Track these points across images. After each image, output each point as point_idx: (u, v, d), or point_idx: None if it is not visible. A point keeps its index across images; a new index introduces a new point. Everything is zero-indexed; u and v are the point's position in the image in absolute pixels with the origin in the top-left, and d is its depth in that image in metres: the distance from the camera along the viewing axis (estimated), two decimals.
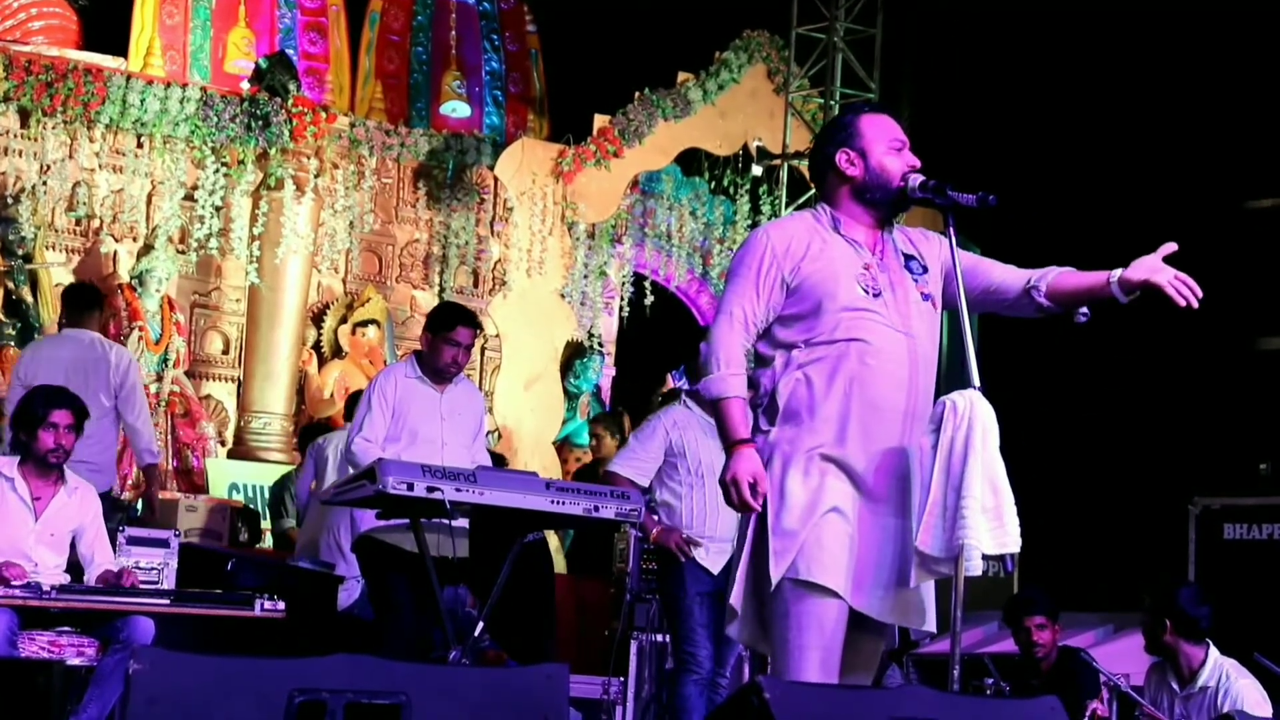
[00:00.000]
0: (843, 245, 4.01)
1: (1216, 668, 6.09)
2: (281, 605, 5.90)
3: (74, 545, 6.17)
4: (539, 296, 11.67)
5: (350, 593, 7.56)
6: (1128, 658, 7.17)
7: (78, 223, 10.84)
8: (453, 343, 6.48)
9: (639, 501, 5.72)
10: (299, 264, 11.11)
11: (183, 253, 11.13)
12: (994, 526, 3.81)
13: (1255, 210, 10.63)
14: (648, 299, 12.64)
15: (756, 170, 12.36)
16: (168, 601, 5.92)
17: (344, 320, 11.76)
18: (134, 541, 6.50)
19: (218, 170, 10.94)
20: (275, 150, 10.94)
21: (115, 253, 10.92)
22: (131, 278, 10.81)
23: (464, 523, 5.73)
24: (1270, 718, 5.86)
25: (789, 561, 3.81)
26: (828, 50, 12.00)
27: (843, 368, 3.90)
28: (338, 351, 11.71)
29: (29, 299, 10.41)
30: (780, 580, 3.82)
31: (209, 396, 11.33)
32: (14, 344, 10.17)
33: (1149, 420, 10.40)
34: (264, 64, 11.14)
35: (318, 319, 11.75)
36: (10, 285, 10.39)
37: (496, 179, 12.07)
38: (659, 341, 12.20)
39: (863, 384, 3.90)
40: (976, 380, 3.87)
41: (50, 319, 10.19)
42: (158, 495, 8.19)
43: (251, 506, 10.31)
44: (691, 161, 12.62)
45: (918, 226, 4.28)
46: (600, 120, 11.77)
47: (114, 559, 6.22)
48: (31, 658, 5.69)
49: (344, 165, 11.68)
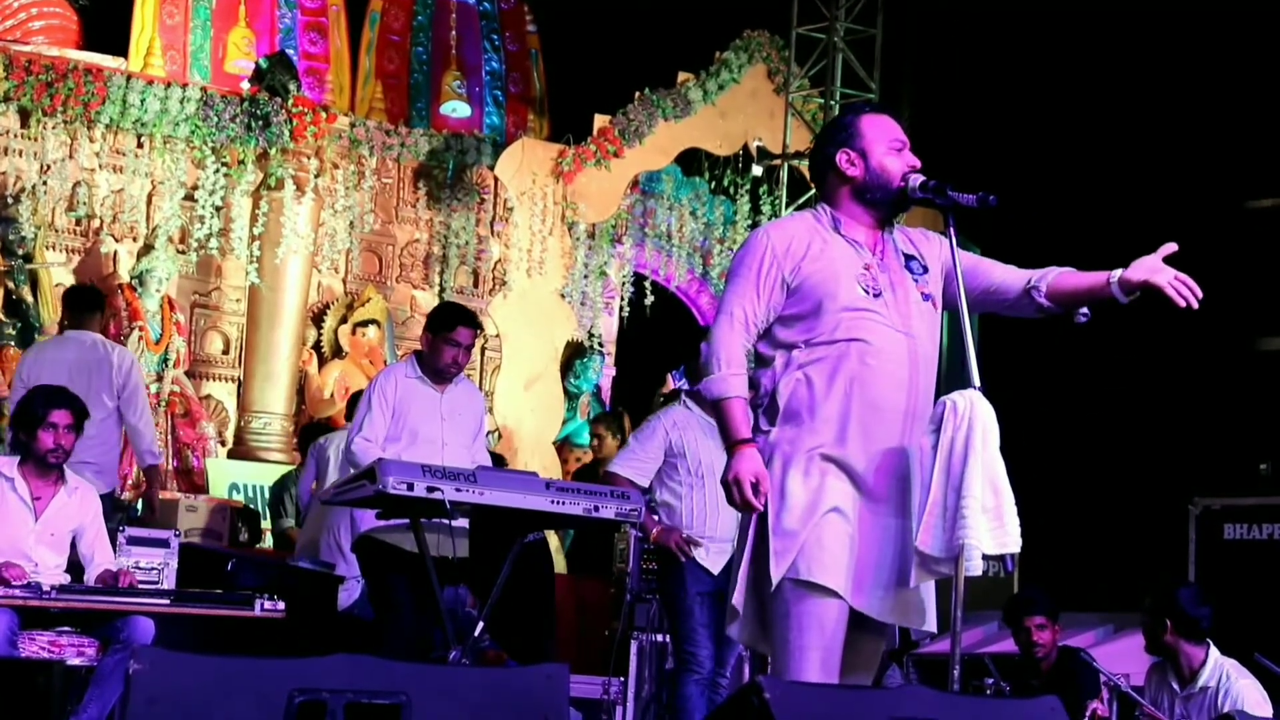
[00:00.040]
0: (843, 245, 4.01)
1: (1217, 668, 6.09)
2: (281, 605, 5.90)
3: (74, 545, 6.17)
4: (539, 296, 11.67)
5: (350, 593, 7.56)
6: (1128, 658, 7.17)
7: (78, 223, 10.84)
8: (453, 343, 6.48)
9: (639, 501, 5.72)
10: (299, 264, 11.11)
11: (183, 253, 11.13)
12: (994, 526, 3.81)
13: (1255, 210, 10.62)
14: (648, 299, 12.63)
15: (756, 170, 12.35)
16: (168, 601, 5.92)
17: (344, 320, 11.76)
18: (134, 541, 6.50)
19: (218, 170, 10.94)
20: (275, 150, 10.94)
21: (115, 253, 10.92)
22: (132, 278, 10.81)
23: (464, 523, 5.73)
24: (1270, 718, 5.86)
25: (789, 561, 3.82)
26: (828, 50, 11.99)
27: (843, 368, 3.91)
28: (338, 351, 11.71)
29: (29, 299, 10.41)
30: (781, 580, 3.82)
31: (209, 396, 11.33)
32: (14, 344, 10.17)
33: (1149, 420, 10.39)
34: (264, 64, 11.14)
35: (318, 319, 11.75)
36: (10, 285, 10.39)
37: (496, 179, 12.07)
38: (659, 341, 12.19)
39: (863, 384, 3.90)
40: (976, 380, 3.87)
41: (50, 319, 10.19)
42: (158, 496, 8.19)
43: (251, 506, 10.30)
44: (692, 161, 12.61)
45: (918, 226, 4.29)
46: (600, 120, 11.77)
47: (114, 559, 6.22)
48: (31, 658, 5.69)
49: (344, 165, 11.68)
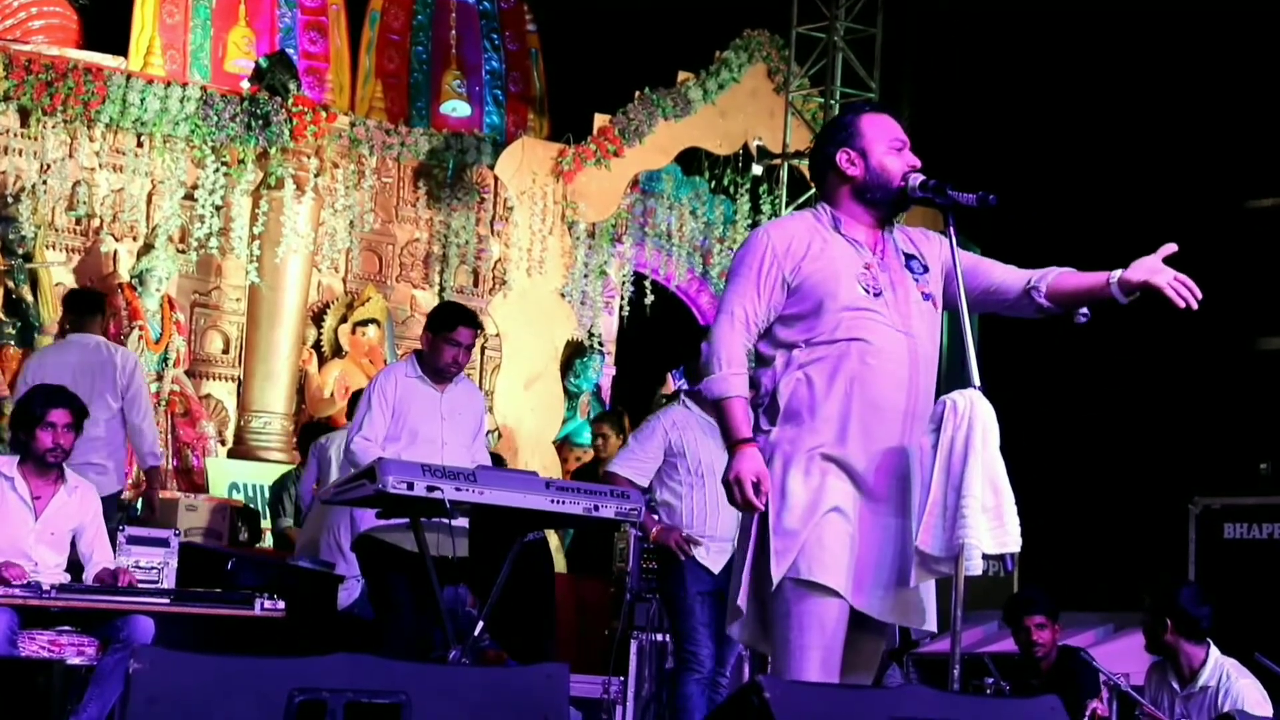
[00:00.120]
0: (843, 245, 4.00)
1: (1217, 667, 6.09)
2: (281, 605, 5.90)
3: (74, 544, 6.17)
4: (539, 296, 11.67)
5: (350, 592, 7.56)
6: (1128, 657, 7.17)
7: (78, 222, 10.84)
8: (453, 343, 6.48)
9: (639, 501, 5.72)
10: (299, 263, 11.11)
11: (183, 252, 11.13)
12: (994, 526, 3.81)
13: (1255, 210, 10.61)
14: (648, 298, 12.63)
15: (757, 170, 12.35)
16: (168, 601, 5.92)
17: (344, 319, 11.76)
18: (134, 541, 6.50)
19: (218, 169, 10.94)
20: (275, 149, 10.93)
21: (115, 252, 10.92)
22: (131, 277, 10.81)
23: (464, 522, 5.73)
24: (1271, 718, 5.86)
25: (790, 561, 3.82)
26: (828, 50, 11.99)
27: (843, 367, 3.90)
28: (338, 351, 11.71)
29: (29, 298, 10.40)
30: (781, 580, 3.82)
31: (209, 396, 11.33)
32: (14, 343, 10.18)
33: (1149, 420, 10.39)
34: (264, 63, 11.13)
35: (318, 318, 11.75)
36: (10, 284, 10.39)
37: (496, 178, 12.07)
38: (659, 341, 12.18)
39: (863, 384, 3.90)
40: (976, 380, 3.87)
41: (50, 318, 10.19)
42: (158, 496, 8.19)
43: (251, 506, 10.30)
44: (692, 161, 12.61)
45: (918, 226, 4.28)
46: (600, 119, 11.77)
47: (113, 558, 6.22)
48: (31, 657, 5.69)
49: (344, 164, 11.68)
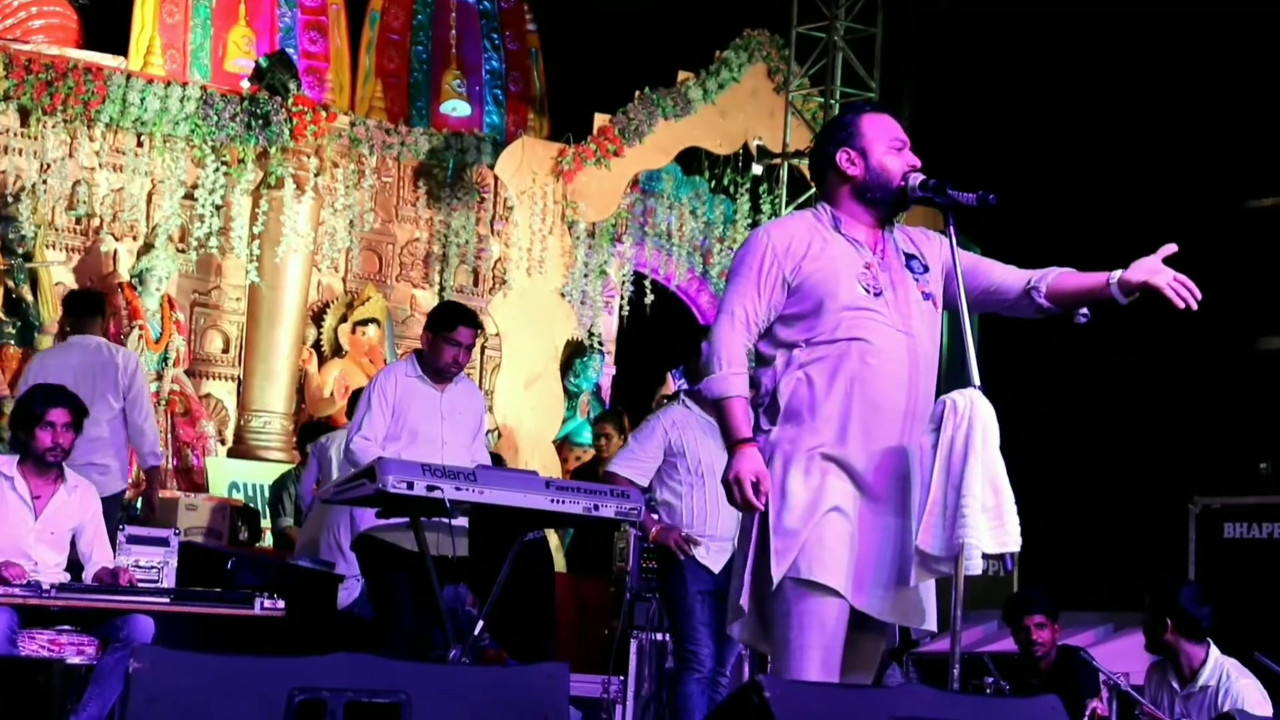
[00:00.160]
0: (843, 244, 4.01)
1: (1217, 667, 6.09)
2: (281, 604, 5.90)
3: (74, 543, 6.17)
4: (539, 295, 11.67)
5: (350, 592, 7.56)
6: (1128, 657, 7.17)
7: (78, 221, 10.84)
8: (453, 342, 6.48)
9: (639, 500, 5.72)
10: (299, 263, 11.11)
11: (183, 251, 11.13)
12: (994, 525, 3.81)
13: (1255, 210, 10.62)
14: (648, 298, 12.63)
15: (757, 169, 12.35)
16: (168, 600, 5.92)
17: (344, 319, 11.76)
18: (134, 540, 6.49)
19: (218, 169, 10.94)
20: (275, 149, 10.93)
21: (115, 251, 10.92)
22: (131, 276, 10.81)
23: (464, 521, 5.73)
24: (1271, 717, 5.86)
25: (790, 561, 3.82)
26: (828, 49, 11.99)
27: (844, 367, 3.90)
28: (338, 350, 11.71)
29: (29, 298, 10.40)
30: (781, 579, 3.82)
31: (209, 395, 11.33)
32: (14, 343, 10.18)
33: (1149, 420, 10.39)
34: (264, 63, 11.13)
35: (318, 318, 11.75)
36: (10, 284, 10.39)
37: (496, 178, 12.07)
38: (659, 341, 12.18)
39: (863, 383, 3.90)
40: (976, 380, 3.87)
41: (50, 318, 10.19)
42: (158, 495, 8.19)
43: (251, 505, 10.30)
44: (691, 160, 12.61)
45: (918, 226, 4.28)
46: (600, 119, 11.77)
47: (113, 558, 6.22)
48: (31, 656, 5.69)
49: (344, 164, 11.68)
